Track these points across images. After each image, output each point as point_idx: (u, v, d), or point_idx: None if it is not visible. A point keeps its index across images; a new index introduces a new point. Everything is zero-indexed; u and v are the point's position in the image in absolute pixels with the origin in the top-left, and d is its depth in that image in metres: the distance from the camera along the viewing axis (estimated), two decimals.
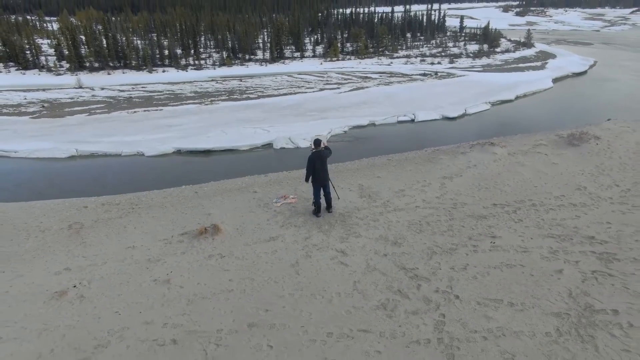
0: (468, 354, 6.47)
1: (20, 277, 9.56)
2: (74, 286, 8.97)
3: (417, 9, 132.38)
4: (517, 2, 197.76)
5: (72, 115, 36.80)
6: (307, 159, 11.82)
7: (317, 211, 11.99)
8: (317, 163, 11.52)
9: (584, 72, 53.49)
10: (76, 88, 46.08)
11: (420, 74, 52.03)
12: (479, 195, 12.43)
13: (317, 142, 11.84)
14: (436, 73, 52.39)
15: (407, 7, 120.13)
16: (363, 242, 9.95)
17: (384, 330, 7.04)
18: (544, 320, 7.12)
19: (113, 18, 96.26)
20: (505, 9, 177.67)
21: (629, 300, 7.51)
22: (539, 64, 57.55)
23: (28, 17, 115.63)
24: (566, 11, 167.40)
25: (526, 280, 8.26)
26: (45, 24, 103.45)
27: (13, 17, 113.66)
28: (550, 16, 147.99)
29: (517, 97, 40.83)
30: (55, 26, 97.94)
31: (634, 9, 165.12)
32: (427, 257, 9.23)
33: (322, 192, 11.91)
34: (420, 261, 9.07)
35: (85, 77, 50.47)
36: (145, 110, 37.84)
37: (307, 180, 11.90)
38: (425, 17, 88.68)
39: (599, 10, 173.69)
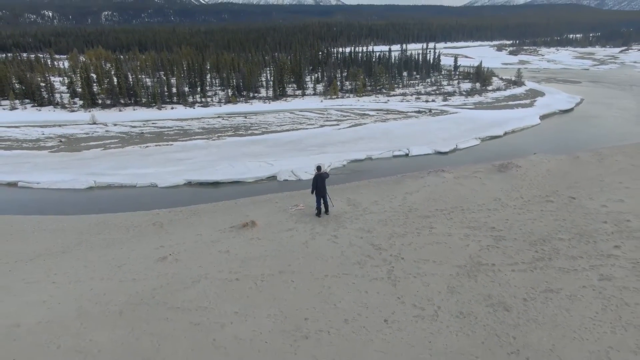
0: (404, 283, 11.29)
1: (133, 250, 14.98)
2: (170, 254, 13.93)
3: (414, 47, 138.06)
4: (511, 42, 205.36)
5: (88, 150, 39.32)
6: (312, 179, 16.81)
7: (318, 214, 16.99)
8: (319, 181, 16.39)
9: (571, 110, 56.32)
10: (90, 124, 48.85)
11: (415, 111, 54.93)
12: (428, 204, 17.36)
13: (319, 167, 17.01)
14: (430, 110, 55.32)
15: (404, 46, 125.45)
16: (348, 231, 14.95)
17: (357, 274, 11.85)
18: (450, 268, 11.91)
19: (121, 56, 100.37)
20: (499, 48, 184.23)
21: (503, 259, 12.38)
22: (528, 101, 60.69)
23: (39, 55, 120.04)
24: (558, 50, 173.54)
25: (445, 250, 13.04)
26: (56, 62, 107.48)
27: (24, 54, 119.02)
28: (542, 55, 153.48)
29: (505, 133, 43.40)
30: (66, 64, 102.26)
31: (623, 48, 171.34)
32: (387, 238, 14.08)
33: (322, 201, 16.85)
34: (382, 241, 13.94)
35: (98, 114, 53.37)
36: (156, 145, 40.39)
37: (312, 192, 16.81)
38: (420, 56, 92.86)
39: (589, 49, 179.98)
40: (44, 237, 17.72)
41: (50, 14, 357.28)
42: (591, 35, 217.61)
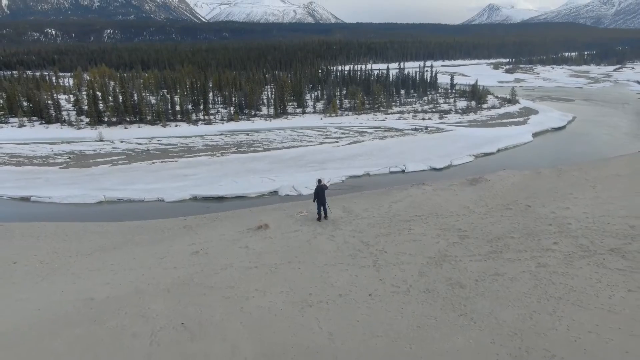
0: (385, 270, 13.86)
1: (171, 247, 17.91)
2: (201, 249, 16.80)
3: (412, 65, 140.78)
4: (507, 60, 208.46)
5: (96, 166, 40.87)
6: (313, 191, 20.02)
7: (319, 218, 19.72)
8: (319, 192, 19.26)
9: (563, 127, 58.13)
10: (97, 141, 50.53)
11: (411, 129, 56.70)
12: (409, 211, 20.18)
13: (319, 180, 19.97)
14: (426, 128, 57.09)
15: (402, 64, 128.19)
16: (343, 231, 17.74)
17: (349, 263, 14.54)
18: (422, 259, 14.46)
19: (125, 74, 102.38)
20: (496, 66, 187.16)
21: (464, 252, 14.81)
22: (521, 119, 62.52)
23: (44, 72, 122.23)
24: (553, 68, 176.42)
25: (420, 246, 15.62)
26: (61, 80, 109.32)
27: (29, 72, 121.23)
28: (538, 73, 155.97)
29: (498, 150, 45.03)
30: (70, 82, 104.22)
31: (617, 66, 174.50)
32: (374, 237, 16.78)
33: (322, 208, 19.61)
34: (370, 239, 16.67)
35: (105, 131, 55.10)
36: (162, 162, 41.97)
37: (313, 201, 19.80)
38: (418, 75, 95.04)
39: (584, 67, 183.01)
40: (95, 238, 21.01)
41: (54, 32, 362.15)
42: (586, 53, 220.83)
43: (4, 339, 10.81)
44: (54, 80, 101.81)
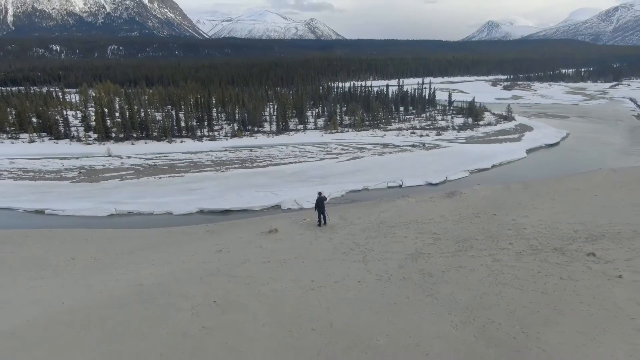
0: (372, 263, 16.81)
1: (198, 247, 21.55)
2: (223, 248, 20.24)
3: (412, 82, 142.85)
4: (506, 77, 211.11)
5: (106, 180, 42.59)
6: (315, 200, 23.48)
7: (319, 225, 22.89)
8: (320, 203, 22.58)
9: (556, 144, 59.89)
10: (106, 156, 52.33)
11: (410, 145, 58.49)
12: (394, 218, 23.34)
13: (320, 193, 23.34)
14: (424, 144, 58.90)
15: (401, 81, 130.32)
16: (339, 235, 21.07)
17: (344, 259, 17.51)
18: (402, 255, 17.39)
19: (130, 90, 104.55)
20: (494, 83, 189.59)
21: (436, 251, 17.86)
22: (516, 136, 64.38)
23: (50, 89, 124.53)
24: (550, 85, 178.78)
25: (401, 246, 18.70)
26: (66, 96, 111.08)
27: (35, 88, 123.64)
28: (535, 90, 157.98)
29: (493, 166, 46.74)
30: (76, 98, 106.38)
31: (613, 83, 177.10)
32: (364, 239, 20.04)
33: (321, 216, 22.87)
34: (361, 240, 19.84)
35: (112, 147, 56.95)
36: (169, 177, 43.69)
37: (314, 210, 23.28)
38: (416, 92, 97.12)
39: (581, 84, 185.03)
40: (133, 240, 24.61)
41: (58, 48, 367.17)
42: (583, 70, 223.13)
43: (82, 312, 13.76)
44: (61, 96, 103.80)
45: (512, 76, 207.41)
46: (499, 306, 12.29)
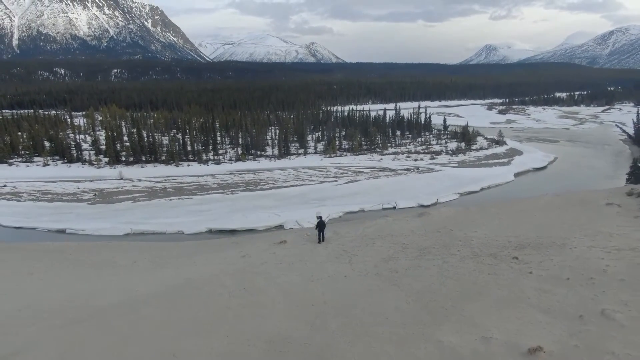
0: (355, 264, 20.94)
1: (227, 254, 25.86)
2: (246, 255, 24.45)
3: (410, 106, 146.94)
4: (502, 100, 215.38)
5: (120, 202, 45.63)
6: (316, 224, 27.45)
7: (318, 241, 26.29)
8: (321, 224, 26.49)
9: (544, 168, 63.15)
10: (118, 179, 55.43)
11: (404, 169, 61.73)
12: (375, 233, 27.34)
13: (320, 217, 27.26)
14: (418, 168, 62.15)
15: (398, 105, 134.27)
16: (332, 245, 25.14)
17: (335, 261, 21.77)
18: (378, 259, 21.29)
19: (135, 114, 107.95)
20: (490, 107, 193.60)
21: (403, 256, 21.60)
22: (506, 160, 67.72)
23: (57, 112, 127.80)
24: (544, 109, 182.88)
25: (377, 253, 22.46)
26: (74, 119, 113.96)
27: (41, 111, 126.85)
28: (529, 114, 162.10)
29: (482, 189, 49.85)
30: (84, 121, 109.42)
31: (605, 107, 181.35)
32: (351, 248, 24.03)
33: (321, 235, 26.52)
34: (348, 249, 23.79)
35: (123, 170, 60.05)
36: (179, 199, 46.74)
37: (315, 229, 27.08)
38: (413, 116, 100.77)
39: (574, 108, 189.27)
40: (178, 249, 29.67)
41: (62, 71, 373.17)
42: (577, 94, 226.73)
43: (152, 296, 18.00)
44: (69, 120, 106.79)
45: (507, 100, 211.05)
46: (440, 291, 16.16)
